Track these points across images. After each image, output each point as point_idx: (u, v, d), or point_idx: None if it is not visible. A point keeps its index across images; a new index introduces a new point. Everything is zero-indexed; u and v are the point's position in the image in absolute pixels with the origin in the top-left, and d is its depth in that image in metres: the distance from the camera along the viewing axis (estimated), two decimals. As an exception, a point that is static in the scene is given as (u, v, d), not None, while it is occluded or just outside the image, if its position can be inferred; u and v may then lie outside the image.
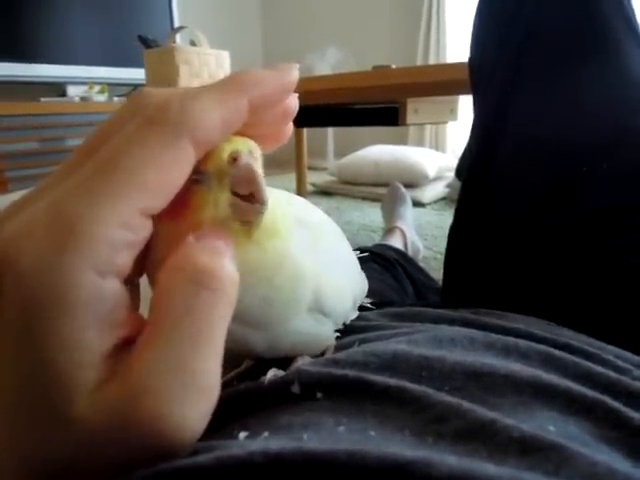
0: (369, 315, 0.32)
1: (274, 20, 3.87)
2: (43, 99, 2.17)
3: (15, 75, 2.10)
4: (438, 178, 2.30)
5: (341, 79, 1.22)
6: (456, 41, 2.99)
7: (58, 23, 2.24)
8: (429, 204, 2.10)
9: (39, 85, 2.24)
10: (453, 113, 1.49)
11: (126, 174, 0.14)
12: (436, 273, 0.88)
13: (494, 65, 0.44)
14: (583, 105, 0.39)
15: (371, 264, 0.72)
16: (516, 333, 0.27)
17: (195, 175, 0.16)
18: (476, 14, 0.48)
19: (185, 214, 0.16)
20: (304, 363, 0.22)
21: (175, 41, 1.42)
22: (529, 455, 0.15)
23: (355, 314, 0.28)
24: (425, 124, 3.05)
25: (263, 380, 0.21)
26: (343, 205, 2.18)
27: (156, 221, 0.16)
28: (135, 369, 0.13)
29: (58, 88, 2.30)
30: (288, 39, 3.72)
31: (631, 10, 0.40)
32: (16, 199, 0.15)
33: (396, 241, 1.13)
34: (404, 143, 2.99)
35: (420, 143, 3.11)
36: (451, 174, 2.17)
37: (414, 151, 2.37)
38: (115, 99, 2.37)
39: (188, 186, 0.16)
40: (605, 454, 0.17)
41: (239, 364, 0.26)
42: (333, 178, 2.51)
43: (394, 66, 1.21)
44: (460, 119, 1.55)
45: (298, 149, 1.94)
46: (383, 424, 0.17)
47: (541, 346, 0.24)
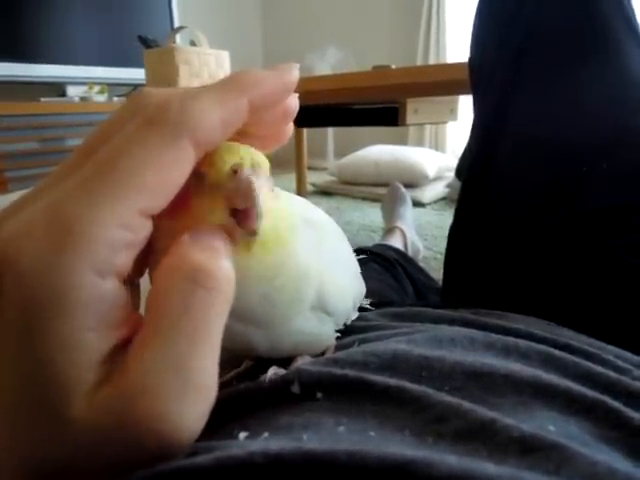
0: (369, 315, 0.32)
1: (274, 20, 3.87)
2: (43, 99, 2.17)
3: (15, 75, 2.10)
4: (438, 178, 2.30)
5: (341, 79, 1.22)
6: (456, 41, 2.99)
7: (58, 23, 2.24)
8: (429, 204, 2.10)
9: (39, 85, 2.24)
10: (453, 113, 1.49)
11: (125, 174, 0.14)
12: (436, 273, 0.88)
13: (494, 65, 0.44)
14: (583, 105, 0.39)
15: (371, 264, 0.72)
16: (516, 333, 0.27)
17: (195, 176, 0.16)
18: (476, 14, 0.48)
19: (185, 214, 0.16)
20: (304, 362, 0.22)
21: (175, 41, 1.42)
22: (529, 455, 0.15)
23: (355, 314, 0.28)
24: (425, 124, 3.05)
25: (264, 379, 0.21)
26: (343, 205, 2.18)
27: (157, 221, 0.15)
28: (132, 369, 0.13)
29: (58, 88, 2.30)
30: (288, 39, 3.72)
31: (631, 10, 0.40)
32: (15, 199, 0.15)
33: (396, 241, 1.13)
34: (404, 143, 2.99)
35: (420, 143, 3.11)
36: (451, 174, 2.17)
37: (414, 151, 2.37)
38: (115, 99, 2.37)
39: (189, 185, 0.16)
40: (605, 454, 0.17)
41: (239, 364, 0.26)
42: (333, 178, 2.51)
43: (394, 66, 1.21)
44: (460, 119, 1.54)
45: (298, 149, 1.94)
46: (383, 424, 0.17)
47: (541, 346, 0.24)
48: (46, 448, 0.13)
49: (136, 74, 2.28)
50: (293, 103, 0.18)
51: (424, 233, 1.61)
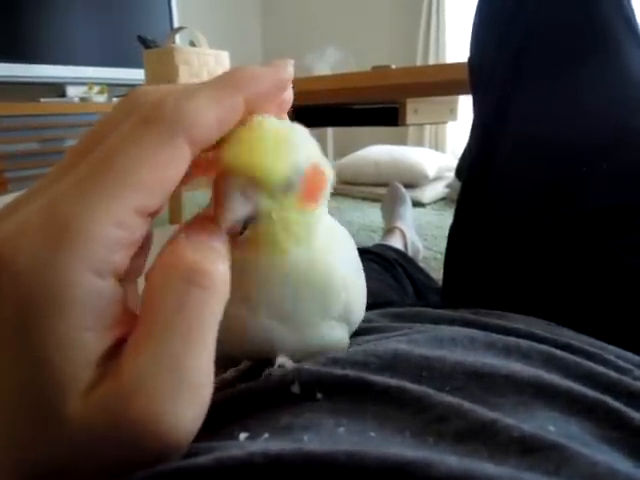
0: (370, 316, 0.32)
1: (273, 20, 3.87)
2: (43, 99, 2.17)
3: (15, 75, 2.10)
4: (438, 178, 2.30)
5: (341, 79, 1.22)
6: (456, 41, 2.99)
7: (58, 23, 2.24)
8: (429, 204, 2.10)
9: (39, 85, 2.24)
10: (453, 113, 1.49)
11: (121, 173, 0.14)
12: (436, 273, 0.88)
13: (494, 65, 0.44)
14: (583, 105, 0.39)
15: (371, 264, 0.72)
16: (517, 333, 0.27)
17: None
18: (476, 13, 0.48)
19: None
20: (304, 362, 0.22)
21: (174, 41, 1.42)
22: (529, 455, 0.15)
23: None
24: (425, 124, 3.05)
25: (269, 372, 0.21)
26: (343, 205, 2.18)
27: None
28: (126, 368, 0.13)
29: (58, 89, 2.30)
30: (287, 39, 3.72)
31: (631, 10, 0.40)
32: (9, 202, 0.15)
33: (396, 241, 1.13)
34: (404, 143, 2.99)
35: (420, 143, 3.11)
36: (451, 174, 2.17)
37: (414, 151, 2.37)
38: (114, 99, 2.37)
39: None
40: (606, 454, 0.17)
41: (238, 364, 0.26)
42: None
43: (394, 66, 1.21)
44: (460, 119, 1.54)
45: (298, 149, 1.93)
46: (383, 425, 0.17)
47: (542, 346, 0.24)
48: (42, 447, 0.13)
49: (136, 74, 2.28)
50: (288, 95, 0.18)
51: (424, 233, 1.61)
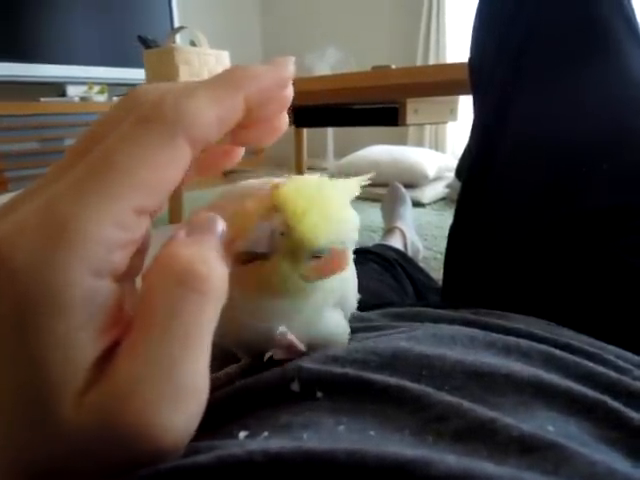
0: (370, 316, 0.32)
1: (274, 20, 3.86)
2: (43, 99, 2.17)
3: (15, 75, 2.10)
4: (438, 178, 2.29)
5: (341, 79, 1.22)
6: (456, 41, 2.99)
7: (58, 23, 2.24)
8: (429, 204, 2.10)
9: (39, 85, 2.24)
10: (453, 113, 1.49)
11: (120, 173, 0.14)
12: (436, 273, 0.88)
13: (494, 65, 0.44)
14: (583, 105, 0.39)
15: (371, 264, 0.72)
16: (517, 333, 0.27)
17: None
18: (476, 14, 0.48)
19: None
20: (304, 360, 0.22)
21: (175, 41, 1.42)
22: (528, 454, 0.15)
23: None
24: (425, 124, 3.05)
25: (271, 354, 0.21)
26: (343, 205, 2.17)
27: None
28: (122, 370, 0.13)
29: (58, 88, 2.30)
30: (288, 39, 3.72)
31: (631, 10, 0.40)
32: (7, 202, 0.15)
33: (396, 241, 1.13)
34: (404, 143, 2.99)
35: (420, 143, 3.11)
36: (451, 174, 2.17)
37: (414, 151, 2.37)
38: (115, 99, 2.37)
39: None
40: (605, 454, 0.17)
41: (237, 361, 0.26)
42: (333, 178, 2.50)
43: (394, 66, 1.21)
44: (460, 119, 1.54)
45: (298, 149, 1.94)
46: (383, 424, 0.17)
47: (542, 346, 0.24)
48: (39, 448, 0.13)
49: (136, 74, 2.28)
50: (288, 93, 0.18)
51: (424, 233, 1.61)
